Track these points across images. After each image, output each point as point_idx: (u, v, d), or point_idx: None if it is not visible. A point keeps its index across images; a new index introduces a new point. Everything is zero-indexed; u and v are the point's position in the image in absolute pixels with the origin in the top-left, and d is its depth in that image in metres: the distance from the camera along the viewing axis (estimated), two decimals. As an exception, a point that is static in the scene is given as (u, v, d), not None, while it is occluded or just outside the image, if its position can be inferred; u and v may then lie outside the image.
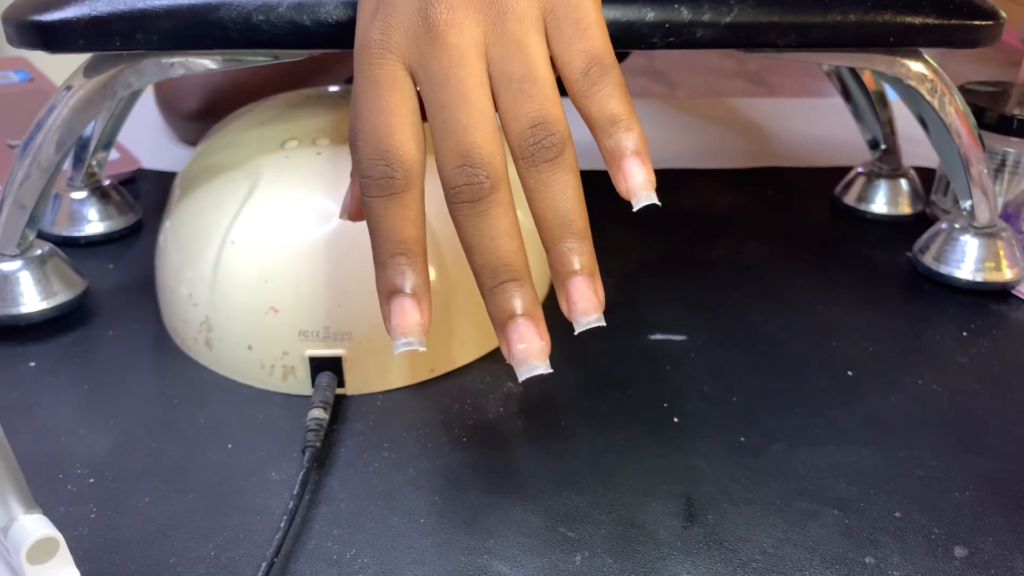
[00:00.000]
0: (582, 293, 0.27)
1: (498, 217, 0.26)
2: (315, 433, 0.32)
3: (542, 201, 0.27)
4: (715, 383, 0.37)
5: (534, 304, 0.27)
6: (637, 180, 0.28)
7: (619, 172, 0.28)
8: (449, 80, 0.26)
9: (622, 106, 0.27)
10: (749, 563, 0.28)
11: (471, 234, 0.26)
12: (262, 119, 0.40)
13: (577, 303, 0.27)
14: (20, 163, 0.37)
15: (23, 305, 0.38)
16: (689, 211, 0.53)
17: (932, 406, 0.36)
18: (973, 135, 0.41)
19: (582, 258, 0.27)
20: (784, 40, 0.35)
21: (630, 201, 0.28)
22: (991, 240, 0.43)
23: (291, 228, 0.34)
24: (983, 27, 0.37)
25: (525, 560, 0.28)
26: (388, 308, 0.27)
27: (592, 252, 0.27)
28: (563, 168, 0.27)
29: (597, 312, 0.27)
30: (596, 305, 0.27)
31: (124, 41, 0.32)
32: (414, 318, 0.27)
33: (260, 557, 0.28)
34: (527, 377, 0.26)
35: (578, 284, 0.27)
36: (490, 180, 0.26)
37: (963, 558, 0.29)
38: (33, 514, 0.25)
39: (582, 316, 0.27)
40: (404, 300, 0.27)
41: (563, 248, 0.27)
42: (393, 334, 0.27)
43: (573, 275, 0.27)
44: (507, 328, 0.27)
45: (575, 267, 0.27)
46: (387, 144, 0.26)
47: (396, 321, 0.27)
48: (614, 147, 0.28)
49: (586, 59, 0.27)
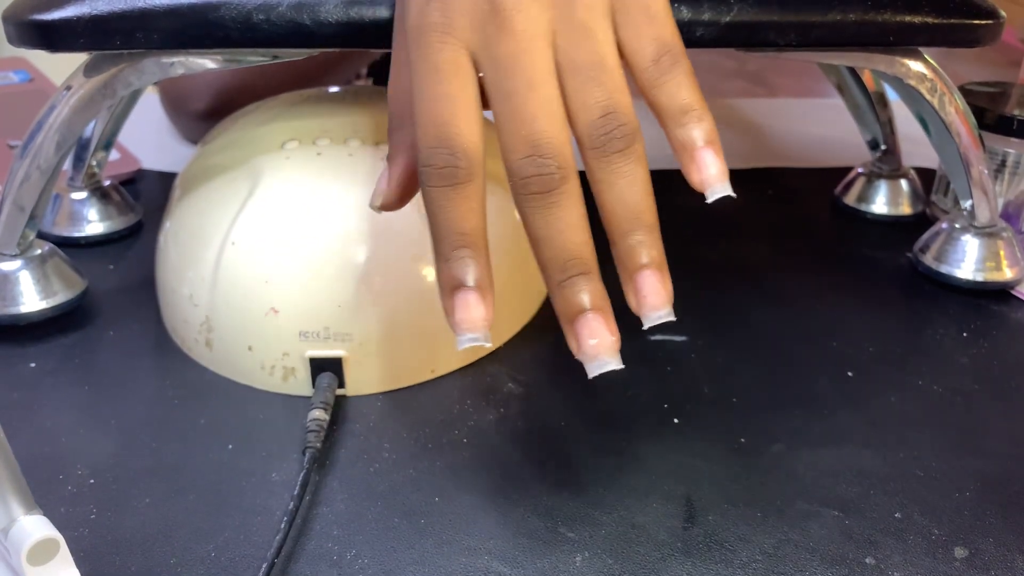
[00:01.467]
0: (652, 287, 0.27)
1: (568, 209, 0.26)
2: (315, 434, 0.32)
3: (611, 193, 0.26)
4: (715, 383, 0.37)
5: (603, 299, 0.26)
6: (712, 172, 0.27)
7: (692, 163, 0.27)
8: (516, 67, 0.26)
9: (694, 95, 0.27)
10: (749, 564, 0.28)
11: (540, 226, 0.26)
12: (262, 119, 0.40)
13: (647, 297, 0.27)
14: (20, 163, 0.37)
15: (23, 305, 0.38)
16: (689, 211, 0.52)
17: (932, 406, 0.36)
18: (973, 135, 0.41)
19: (652, 252, 0.27)
20: (784, 39, 0.35)
21: (703, 192, 0.27)
22: (991, 240, 0.43)
23: (292, 229, 0.34)
24: (983, 26, 0.37)
25: (525, 561, 0.28)
26: (452, 302, 0.26)
27: (661, 246, 0.27)
28: (633, 159, 0.26)
29: (667, 307, 0.27)
30: (666, 299, 0.27)
31: (124, 40, 0.32)
32: (479, 313, 0.26)
33: (260, 558, 0.28)
34: (598, 374, 0.26)
35: (648, 278, 0.27)
36: (561, 171, 0.26)
37: (963, 559, 0.29)
38: (33, 515, 0.25)
39: (652, 311, 0.27)
40: (469, 294, 0.26)
41: (632, 241, 0.26)
42: (457, 329, 0.26)
43: (643, 269, 0.27)
44: (577, 323, 0.26)
45: (645, 260, 0.26)
46: (450, 132, 0.26)
47: (460, 316, 0.26)
48: (686, 137, 0.27)
49: (656, 47, 0.27)
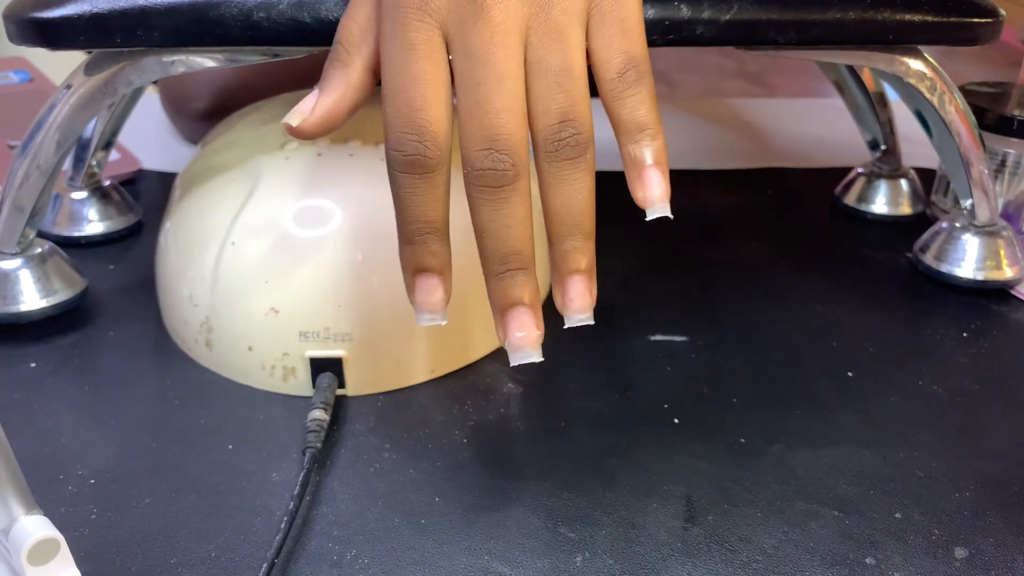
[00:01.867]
0: (579, 291, 0.28)
1: (516, 206, 0.27)
2: (316, 434, 0.32)
3: (557, 197, 0.27)
4: (715, 384, 0.37)
5: (536, 295, 0.28)
6: (655, 192, 0.28)
7: (638, 180, 0.28)
8: (488, 58, 0.26)
9: (651, 115, 0.28)
10: (749, 564, 0.28)
11: (487, 218, 0.27)
12: (262, 120, 0.40)
13: (573, 300, 0.28)
14: (20, 161, 0.37)
15: (23, 303, 0.38)
16: (689, 211, 0.53)
17: (932, 407, 0.36)
18: (973, 134, 0.41)
19: (584, 259, 0.28)
20: (783, 37, 0.35)
21: (644, 209, 0.28)
22: (992, 239, 0.43)
23: (291, 229, 0.34)
24: (982, 25, 0.37)
25: (526, 561, 0.28)
26: (413, 283, 0.28)
27: (593, 254, 0.28)
28: (583, 168, 0.27)
29: (589, 311, 0.28)
30: (590, 304, 0.28)
31: (125, 38, 0.32)
32: (439, 296, 0.28)
33: (261, 558, 0.28)
34: (519, 363, 0.27)
35: (577, 283, 0.28)
36: (515, 168, 0.26)
37: (963, 559, 0.29)
38: (34, 515, 0.25)
39: (576, 313, 0.28)
40: (431, 279, 0.28)
41: (569, 246, 0.27)
42: (418, 309, 0.28)
43: (575, 273, 0.28)
44: (508, 315, 0.27)
45: (578, 266, 0.28)
46: (422, 119, 0.26)
47: (422, 298, 0.28)
48: (637, 154, 0.28)
49: (624, 61, 0.27)
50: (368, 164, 0.36)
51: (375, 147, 0.37)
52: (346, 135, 0.37)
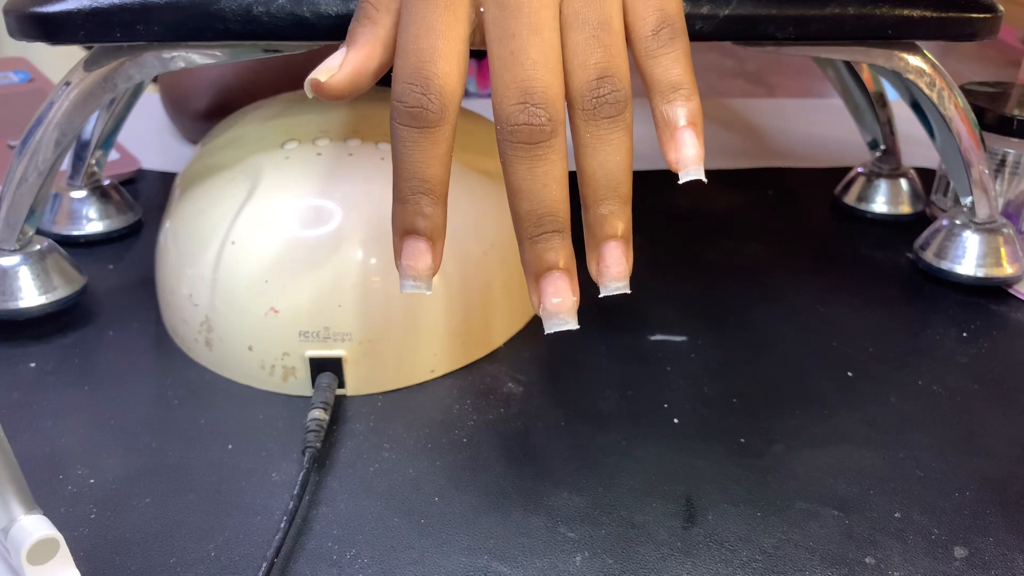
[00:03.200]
0: (615, 258, 0.26)
1: (552, 164, 0.25)
2: (315, 434, 0.32)
3: (594, 158, 0.26)
4: (715, 384, 0.37)
5: (572, 259, 0.26)
6: (689, 153, 0.27)
7: (671, 141, 0.27)
8: (522, 7, 0.25)
9: (687, 74, 0.27)
10: (749, 563, 0.28)
11: (522, 177, 0.25)
12: (262, 119, 0.40)
13: (610, 267, 0.27)
14: (20, 158, 0.37)
15: (22, 300, 0.38)
16: (689, 211, 0.53)
17: (932, 406, 0.36)
18: (973, 132, 0.41)
19: (622, 223, 0.26)
20: (782, 33, 0.35)
21: (676, 172, 0.27)
22: (992, 236, 0.43)
23: (291, 228, 0.34)
24: (981, 20, 0.37)
25: (525, 561, 0.28)
26: (401, 245, 0.26)
27: (630, 218, 0.27)
28: (621, 127, 0.26)
29: (626, 280, 0.27)
30: (626, 272, 0.27)
31: (125, 33, 0.32)
32: (426, 262, 0.26)
33: (260, 557, 0.28)
34: (555, 331, 0.26)
35: (614, 250, 0.26)
36: (551, 123, 0.25)
37: (963, 558, 0.29)
38: (33, 515, 0.25)
39: (612, 281, 0.27)
40: (419, 243, 0.26)
41: (605, 210, 0.26)
42: (403, 273, 0.26)
43: (611, 239, 0.26)
44: (543, 280, 0.26)
45: (615, 232, 0.26)
46: (429, 71, 0.25)
47: (408, 262, 0.26)
48: (671, 114, 0.27)
49: (659, 18, 0.26)
50: (368, 163, 0.36)
51: (375, 146, 0.37)
52: (346, 134, 0.37)
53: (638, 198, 0.55)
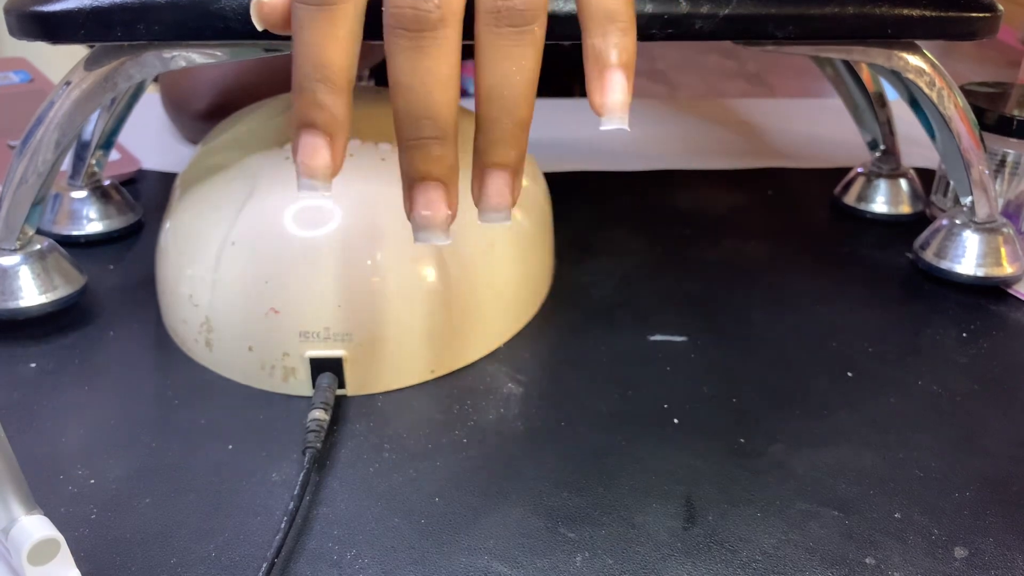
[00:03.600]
0: (498, 188, 0.25)
1: (437, 60, 0.23)
2: (315, 434, 0.32)
3: (492, 73, 0.23)
4: (715, 384, 0.37)
5: (452, 169, 0.24)
6: (617, 98, 0.24)
7: (599, 81, 0.24)
8: None
9: (626, 7, 0.24)
10: (749, 563, 0.28)
11: (402, 71, 0.23)
12: (263, 120, 0.40)
13: (491, 196, 0.25)
14: (20, 157, 0.37)
15: (22, 299, 0.38)
16: (689, 211, 0.53)
17: (932, 407, 0.36)
18: (973, 130, 0.41)
19: (514, 152, 0.24)
20: (782, 32, 0.35)
21: (598, 116, 0.25)
22: (992, 235, 0.43)
23: (291, 229, 0.34)
24: (980, 19, 0.37)
25: (525, 561, 0.28)
26: (297, 140, 0.24)
27: (525, 147, 0.25)
28: (527, 42, 0.23)
29: (507, 211, 0.25)
30: (509, 204, 0.25)
31: (125, 32, 0.32)
32: (323, 159, 0.24)
33: (261, 558, 0.28)
34: (422, 243, 0.25)
35: (498, 178, 0.25)
36: (440, 11, 0.22)
37: (963, 559, 0.29)
38: (34, 515, 0.25)
39: (491, 211, 0.25)
40: (316, 137, 0.24)
41: (497, 134, 0.24)
42: (298, 171, 0.24)
43: (498, 167, 0.25)
44: (415, 188, 0.25)
45: (504, 160, 0.25)
46: None
47: (303, 158, 0.24)
48: (602, 50, 0.24)
49: None
50: (368, 163, 0.36)
51: (375, 146, 0.37)
52: (346, 135, 0.37)
53: (638, 198, 0.55)
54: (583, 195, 0.54)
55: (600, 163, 0.59)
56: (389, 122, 0.39)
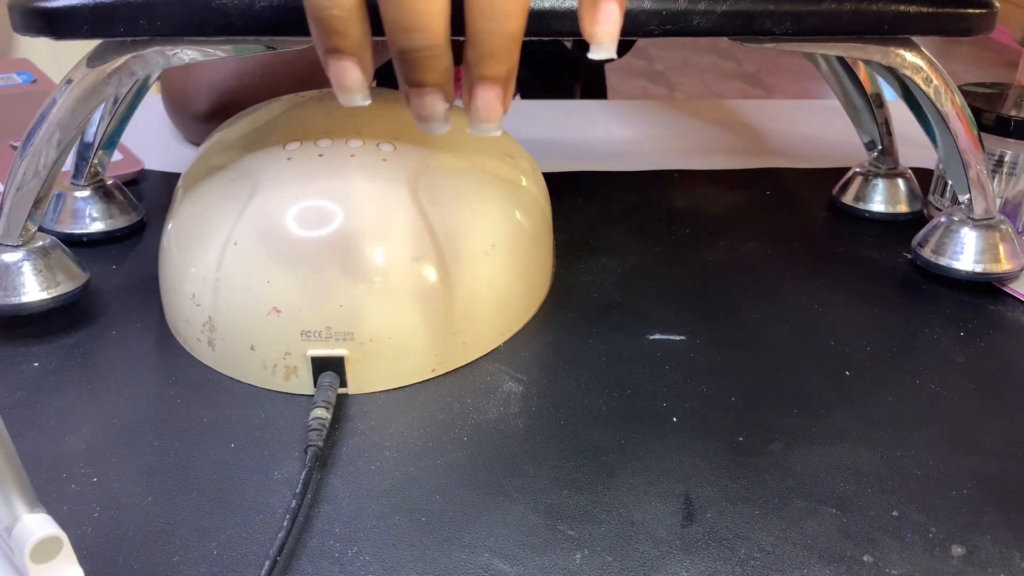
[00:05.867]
0: (490, 101, 0.25)
1: None
2: (317, 432, 0.32)
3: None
4: (714, 383, 0.37)
5: (445, 72, 0.25)
6: (607, 28, 0.25)
7: (591, 12, 0.25)
8: None
9: None
10: (748, 561, 0.28)
11: None
12: (264, 121, 0.40)
13: (480, 109, 0.25)
14: (23, 154, 0.37)
15: (25, 295, 0.38)
16: (688, 211, 0.53)
17: (929, 405, 0.36)
18: (970, 127, 0.42)
19: (506, 65, 0.24)
20: (779, 28, 0.35)
21: (589, 43, 0.25)
22: (990, 232, 0.44)
23: (293, 229, 0.35)
24: (976, 15, 0.38)
25: (525, 558, 0.28)
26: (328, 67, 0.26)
27: (516, 59, 0.25)
28: None
29: (498, 122, 0.26)
30: (500, 115, 0.25)
31: (128, 27, 0.32)
32: (355, 77, 0.26)
33: (263, 555, 0.28)
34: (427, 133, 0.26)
35: (489, 91, 0.25)
36: None
37: (961, 556, 0.29)
38: (37, 513, 0.25)
39: (482, 122, 0.26)
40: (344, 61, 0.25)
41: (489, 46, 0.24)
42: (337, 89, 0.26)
43: (490, 81, 0.25)
44: (413, 93, 0.25)
45: (496, 73, 0.25)
46: None
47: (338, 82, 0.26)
48: None
49: None
50: (370, 164, 0.36)
51: (376, 147, 0.37)
52: (347, 135, 0.37)
53: (638, 198, 0.55)
54: (583, 195, 0.54)
55: (600, 163, 0.59)
56: (389, 122, 0.39)
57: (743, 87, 2.25)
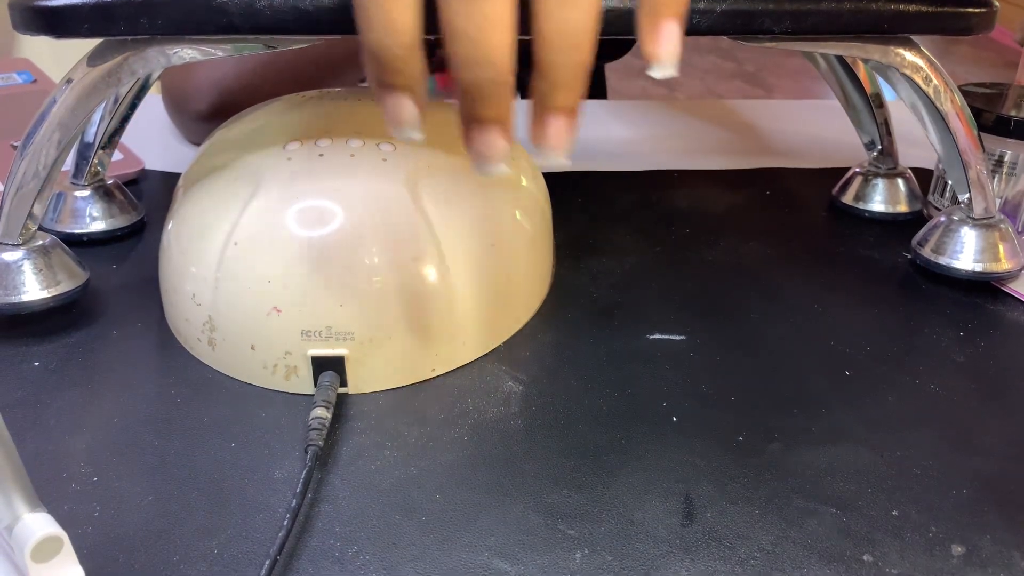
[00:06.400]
0: (559, 130, 0.25)
1: (495, 3, 0.23)
2: (318, 432, 0.32)
3: (553, 19, 0.24)
4: (714, 383, 0.37)
5: (509, 108, 0.25)
6: (671, 49, 0.25)
7: (653, 31, 0.25)
8: None
9: None
10: (747, 560, 0.28)
11: (458, 15, 0.23)
12: (264, 121, 0.40)
13: (550, 138, 0.26)
14: (24, 153, 0.37)
15: (25, 293, 0.38)
16: (688, 211, 0.53)
17: (929, 405, 0.36)
18: (969, 127, 0.42)
19: (575, 95, 0.25)
20: (779, 27, 0.35)
21: (650, 64, 0.25)
22: (989, 231, 0.44)
23: (293, 229, 0.35)
24: (976, 14, 0.38)
25: (526, 557, 0.28)
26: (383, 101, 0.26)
27: (583, 89, 0.25)
28: None
29: (567, 151, 0.26)
30: (569, 144, 0.26)
31: (128, 26, 0.32)
32: (410, 112, 0.26)
33: (263, 555, 0.28)
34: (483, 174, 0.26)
35: (560, 121, 0.25)
36: None
37: (960, 556, 0.29)
38: (37, 512, 0.25)
39: (552, 151, 0.26)
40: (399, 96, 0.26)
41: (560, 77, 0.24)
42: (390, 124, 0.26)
43: (560, 111, 0.25)
44: (474, 128, 0.25)
45: (567, 104, 0.25)
46: None
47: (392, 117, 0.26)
48: (658, 2, 0.25)
49: None
50: (370, 164, 0.36)
51: (377, 147, 0.37)
52: (347, 135, 0.37)
53: (638, 198, 0.55)
54: (583, 195, 0.54)
55: (600, 163, 0.59)
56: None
57: (743, 87, 2.25)
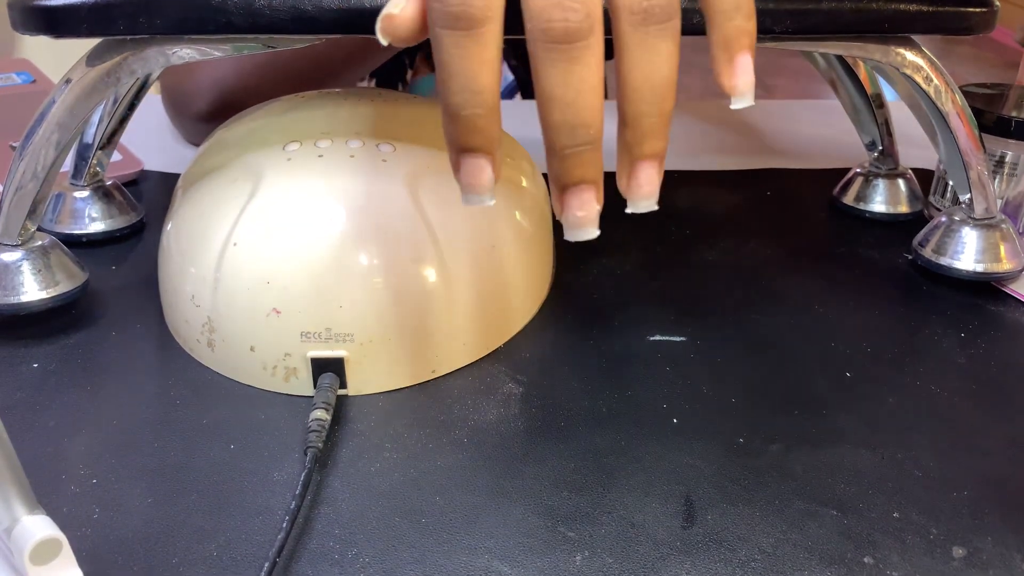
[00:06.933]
0: (648, 177, 0.26)
1: (589, 67, 0.24)
2: (317, 434, 0.32)
3: (640, 69, 0.25)
4: (714, 384, 0.37)
5: (600, 171, 0.26)
6: (747, 79, 0.26)
7: (729, 65, 0.26)
8: None
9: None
10: (748, 563, 0.28)
11: (555, 83, 0.24)
12: (264, 121, 0.40)
13: (643, 186, 0.27)
14: (23, 153, 0.37)
15: (24, 294, 0.38)
16: (689, 212, 0.53)
17: (930, 407, 0.36)
18: (970, 127, 0.42)
19: (661, 142, 0.26)
20: (780, 26, 0.35)
21: (729, 96, 0.27)
22: (990, 231, 0.44)
23: (293, 230, 0.35)
24: (976, 14, 0.38)
25: (525, 560, 0.28)
26: (459, 162, 0.26)
27: (668, 136, 0.26)
28: (670, 35, 0.25)
29: (655, 197, 0.27)
30: (657, 190, 0.27)
31: (127, 26, 0.32)
32: (487, 176, 0.26)
33: (262, 557, 0.28)
34: (575, 240, 0.26)
35: (649, 168, 0.26)
36: (589, 21, 0.23)
37: (962, 558, 0.29)
38: (36, 515, 0.25)
39: (643, 199, 0.27)
40: (479, 159, 0.26)
41: (647, 127, 0.25)
42: (464, 190, 0.26)
43: (649, 159, 0.26)
44: (570, 192, 0.26)
45: (653, 151, 0.26)
46: None
47: (468, 180, 0.26)
48: (731, 35, 0.26)
49: None
50: (370, 164, 0.36)
51: (376, 147, 0.37)
52: (347, 136, 0.37)
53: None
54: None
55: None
56: (389, 123, 0.39)
57: (743, 87, 2.25)
